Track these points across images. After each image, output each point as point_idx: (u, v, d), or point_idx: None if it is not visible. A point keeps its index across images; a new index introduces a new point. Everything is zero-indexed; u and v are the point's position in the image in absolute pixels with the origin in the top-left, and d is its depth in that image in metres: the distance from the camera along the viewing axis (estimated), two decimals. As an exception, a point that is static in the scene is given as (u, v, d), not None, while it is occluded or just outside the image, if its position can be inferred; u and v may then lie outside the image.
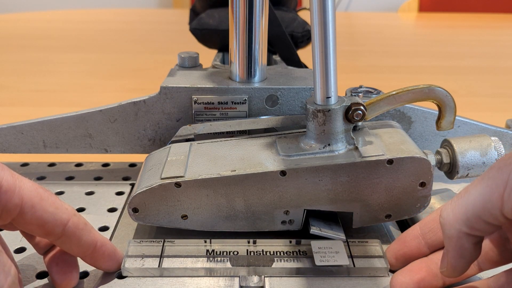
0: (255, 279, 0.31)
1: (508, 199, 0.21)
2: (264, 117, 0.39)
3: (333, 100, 0.32)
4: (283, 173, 0.32)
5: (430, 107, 0.43)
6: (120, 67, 0.91)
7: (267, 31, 0.40)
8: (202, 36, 0.58)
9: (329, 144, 0.33)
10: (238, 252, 0.33)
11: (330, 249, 0.32)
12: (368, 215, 0.34)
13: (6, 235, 0.35)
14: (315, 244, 0.33)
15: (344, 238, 0.33)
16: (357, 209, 0.34)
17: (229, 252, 0.33)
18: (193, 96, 0.40)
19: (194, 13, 0.61)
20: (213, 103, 0.40)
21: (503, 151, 0.34)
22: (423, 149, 0.44)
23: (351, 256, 0.32)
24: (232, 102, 0.40)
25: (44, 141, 0.42)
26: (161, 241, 0.33)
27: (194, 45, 0.58)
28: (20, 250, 0.34)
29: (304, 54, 0.54)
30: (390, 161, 0.32)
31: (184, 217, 0.34)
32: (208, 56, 0.57)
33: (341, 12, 1.91)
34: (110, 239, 0.35)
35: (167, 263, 0.31)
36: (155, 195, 0.33)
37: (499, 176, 0.22)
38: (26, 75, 0.85)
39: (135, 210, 0.33)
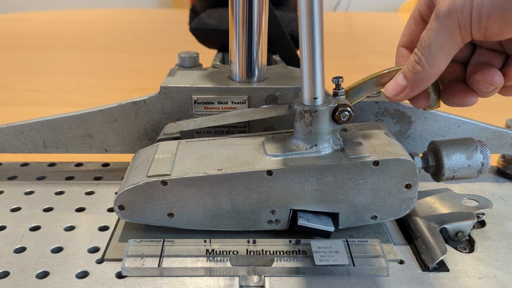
0: (255, 278, 0.31)
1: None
2: (247, 109, 0.38)
3: (320, 101, 0.32)
4: (269, 172, 0.32)
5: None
6: (120, 67, 0.91)
7: (267, 31, 0.40)
8: (202, 36, 0.58)
9: (315, 145, 0.33)
10: (238, 252, 0.33)
11: (330, 249, 0.32)
12: (354, 216, 0.34)
13: (6, 235, 0.35)
14: (315, 244, 0.33)
15: (333, 229, 0.34)
16: (343, 209, 0.34)
17: (229, 251, 0.33)
18: (193, 96, 0.40)
19: (194, 13, 0.61)
20: (213, 103, 0.40)
21: (489, 154, 0.34)
22: (423, 149, 0.44)
23: (351, 256, 0.32)
24: (232, 102, 0.40)
25: (44, 141, 0.42)
26: (161, 241, 0.33)
27: (194, 45, 0.58)
28: (20, 250, 0.34)
29: (304, 54, 0.53)
30: (376, 163, 0.32)
31: (171, 215, 0.34)
32: (208, 56, 0.57)
33: (341, 12, 1.91)
34: (110, 239, 0.35)
35: (167, 262, 0.31)
36: (141, 193, 0.33)
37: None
38: (26, 75, 0.85)
39: (121, 207, 0.33)
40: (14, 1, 2.06)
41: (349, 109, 0.32)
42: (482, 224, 0.38)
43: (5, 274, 0.31)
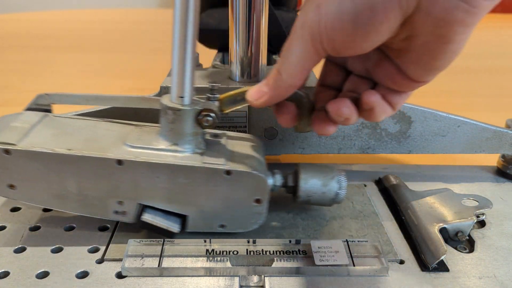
0: (255, 278, 0.31)
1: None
2: (123, 95, 0.38)
3: (186, 100, 0.32)
4: (119, 162, 0.32)
5: (430, 106, 0.43)
6: (121, 67, 0.91)
7: (267, 31, 0.40)
8: (202, 36, 0.58)
9: (176, 144, 0.33)
10: (238, 252, 0.33)
11: (330, 249, 0.32)
12: (203, 221, 0.34)
13: (6, 235, 0.35)
14: (314, 244, 0.33)
15: (177, 230, 0.33)
16: (192, 213, 0.34)
17: (229, 251, 0.33)
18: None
19: (194, 13, 0.61)
20: (213, 103, 0.40)
21: (345, 185, 0.35)
22: (423, 149, 0.44)
23: (351, 256, 0.32)
24: (232, 102, 0.40)
25: (44, 141, 0.42)
26: (161, 241, 0.33)
27: (194, 45, 0.58)
28: (20, 250, 0.34)
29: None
30: (228, 172, 0.32)
31: (12, 187, 0.33)
32: (208, 56, 0.57)
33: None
34: (110, 239, 0.35)
35: (167, 262, 0.31)
36: None
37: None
38: (26, 75, 0.85)
39: None
40: (14, 1, 2.06)
41: (213, 114, 0.32)
42: (482, 224, 0.38)
43: (5, 274, 0.31)
